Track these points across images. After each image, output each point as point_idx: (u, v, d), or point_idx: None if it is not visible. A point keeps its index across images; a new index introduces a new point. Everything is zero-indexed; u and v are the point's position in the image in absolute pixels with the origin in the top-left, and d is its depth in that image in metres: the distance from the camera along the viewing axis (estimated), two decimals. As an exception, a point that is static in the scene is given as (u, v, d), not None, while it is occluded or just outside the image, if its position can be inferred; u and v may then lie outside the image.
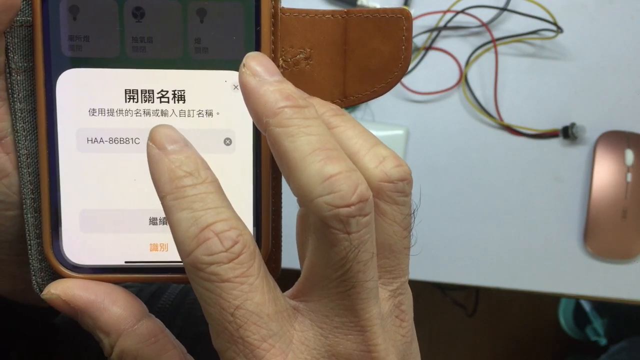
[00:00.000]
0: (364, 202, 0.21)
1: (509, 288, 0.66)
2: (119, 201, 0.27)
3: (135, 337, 0.24)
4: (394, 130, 0.64)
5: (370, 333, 0.22)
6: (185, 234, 0.21)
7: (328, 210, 0.21)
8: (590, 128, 0.64)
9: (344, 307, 0.22)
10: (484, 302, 1.23)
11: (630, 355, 0.85)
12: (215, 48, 0.26)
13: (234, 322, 0.21)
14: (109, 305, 0.25)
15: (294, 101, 0.22)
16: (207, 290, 0.21)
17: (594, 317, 1.12)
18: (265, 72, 0.23)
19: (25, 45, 0.26)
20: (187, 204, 0.22)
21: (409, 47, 0.27)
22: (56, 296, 0.25)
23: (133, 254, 0.27)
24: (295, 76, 0.27)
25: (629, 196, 0.64)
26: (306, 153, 0.21)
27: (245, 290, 0.21)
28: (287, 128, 0.22)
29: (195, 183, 0.22)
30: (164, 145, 0.22)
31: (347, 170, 0.21)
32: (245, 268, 0.21)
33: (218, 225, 0.21)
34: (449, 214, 0.65)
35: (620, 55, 0.65)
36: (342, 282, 0.22)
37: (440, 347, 1.27)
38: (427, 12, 0.64)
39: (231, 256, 0.21)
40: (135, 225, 0.27)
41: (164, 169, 0.22)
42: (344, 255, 0.21)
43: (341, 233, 0.21)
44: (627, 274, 0.65)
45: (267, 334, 0.22)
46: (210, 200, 0.22)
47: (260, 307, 0.21)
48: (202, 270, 0.21)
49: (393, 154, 0.24)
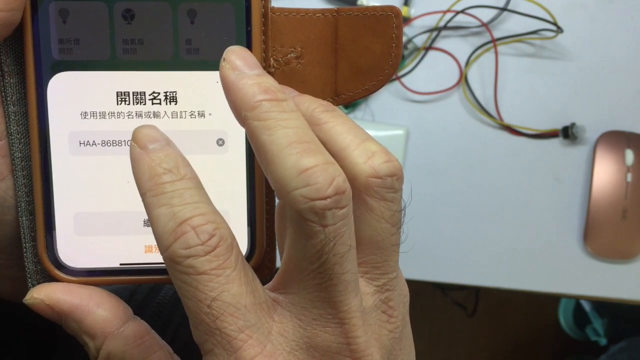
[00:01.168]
0: (341, 194, 0.21)
1: (509, 288, 0.66)
2: (113, 203, 0.27)
3: (121, 339, 0.24)
4: (394, 130, 0.64)
5: (349, 325, 0.22)
6: (163, 229, 0.22)
7: (304, 203, 0.21)
8: (590, 128, 0.64)
9: (321, 299, 0.22)
10: (484, 302, 1.23)
11: (630, 355, 0.84)
12: (206, 49, 0.26)
13: (211, 314, 0.21)
14: (94, 308, 0.25)
15: (272, 94, 0.22)
16: (185, 283, 0.21)
17: (594, 317, 1.12)
18: (245, 66, 0.23)
19: (17, 48, 0.26)
20: (165, 199, 0.22)
21: (399, 44, 0.27)
22: (40, 301, 0.25)
23: (128, 256, 0.27)
24: (287, 75, 0.27)
25: (629, 196, 0.64)
26: (283, 146, 0.21)
27: (222, 282, 0.21)
28: (264, 122, 0.22)
29: (174, 179, 0.22)
30: (145, 145, 0.23)
31: (323, 163, 0.21)
32: (221, 260, 0.22)
33: (195, 220, 0.21)
34: (449, 214, 0.65)
35: (620, 55, 0.65)
36: (319, 274, 0.22)
37: (440, 347, 1.27)
38: (427, 12, 0.64)
39: (207, 249, 0.21)
40: (130, 227, 0.27)
41: (145, 166, 0.22)
42: (319, 248, 0.21)
43: (317, 225, 0.21)
44: (627, 274, 0.65)
45: (245, 325, 0.22)
46: (189, 195, 0.22)
47: (237, 299, 0.22)
48: (179, 263, 0.21)
49: (383, 149, 0.24)
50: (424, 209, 0.66)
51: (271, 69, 0.27)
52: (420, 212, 0.65)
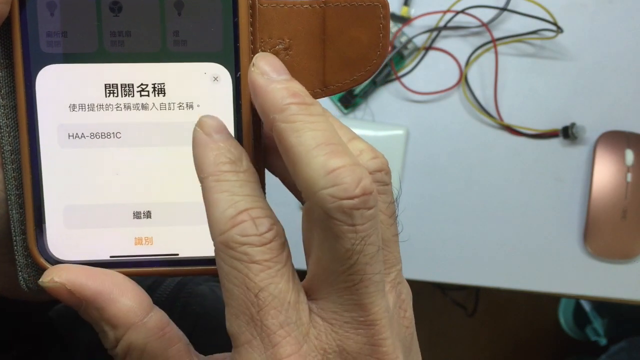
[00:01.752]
0: (368, 195, 0.21)
1: (509, 288, 0.66)
2: (103, 196, 0.27)
3: (144, 330, 0.24)
4: (394, 130, 0.64)
5: (378, 327, 0.22)
6: (222, 213, 0.22)
7: (331, 202, 0.21)
8: (590, 128, 0.64)
9: (352, 301, 0.22)
10: (484, 302, 1.23)
11: (630, 355, 0.84)
12: (193, 40, 0.26)
13: (257, 304, 0.22)
14: (118, 296, 0.24)
15: (300, 98, 0.23)
16: (235, 269, 0.22)
17: (594, 317, 1.12)
18: (273, 71, 0.24)
19: (6, 41, 0.26)
20: (227, 186, 0.22)
21: (386, 34, 0.27)
22: (60, 285, 0.24)
23: (118, 249, 0.27)
24: None
25: (629, 196, 0.64)
26: (311, 147, 0.22)
27: (272, 274, 0.22)
28: (292, 124, 0.22)
29: (238, 170, 0.23)
30: (210, 132, 0.23)
31: (350, 164, 0.22)
32: (274, 254, 0.22)
33: (254, 211, 0.22)
34: (449, 214, 0.65)
35: (620, 55, 0.65)
36: (349, 275, 0.22)
37: (440, 347, 1.27)
38: (427, 12, 0.64)
39: (263, 240, 0.22)
40: (119, 219, 0.27)
41: (210, 152, 0.23)
42: (349, 247, 0.21)
43: (345, 225, 0.21)
44: (627, 274, 0.65)
45: (286, 321, 0.22)
46: (250, 188, 0.23)
47: (283, 294, 0.22)
48: (234, 249, 0.22)
49: (369, 146, 0.24)
50: (424, 209, 0.66)
51: None
52: (420, 212, 0.65)
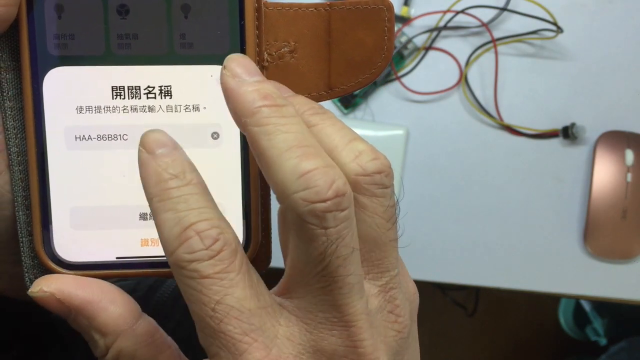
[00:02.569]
0: (341, 196, 0.21)
1: (509, 288, 0.66)
2: (109, 197, 0.27)
3: (133, 337, 0.24)
4: (394, 130, 0.64)
5: (355, 328, 0.22)
6: (169, 234, 0.22)
7: (304, 206, 0.21)
8: (590, 128, 0.64)
9: (326, 302, 0.22)
10: (484, 302, 1.23)
11: (630, 355, 0.85)
12: (200, 43, 0.26)
13: (215, 317, 0.21)
14: (107, 304, 0.24)
15: (271, 100, 0.23)
16: (189, 287, 0.22)
17: (594, 317, 1.12)
18: (245, 73, 0.23)
19: (13, 43, 0.26)
20: (171, 205, 0.22)
21: (391, 37, 0.27)
22: (49, 294, 0.24)
23: (124, 250, 0.27)
24: (281, 69, 0.27)
25: (629, 196, 0.64)
26: (283, 150, 0.22)
27: (226, 285, 0.22)
28: (264, 127, 0.22)
29: (180, 185, 0.22)
30: (152, 149, 0.23)
31: (323, 166, 0.21)
32: (225, 264, 0.22)
33: (200, 225, 0.22)
34: (449, 214, 0.65)
35: (620, 55, 0.65)
36: (323, 277, 0.22)
37: (440, 347, 1.27)
38: (427, 12, 0.64)
39: (211, 253, 0.22)
40: (126, 221, 0.27)
41: (151, 172, 0.22)
42: (322, 251, 0.21)
43: (318, 228, 0.21)
44: (627, 274, 0.65)
45: (249, 328, 0.22)
46: (194, 201, 0.22)
47: (241, 302, 0.22)
48: (184, 268, 0.22)
49: (370, 147, 0.24)
50: (424, 208, 0.66)
51: (265, 63, 0.27)
52: (420, 212, 0.65)
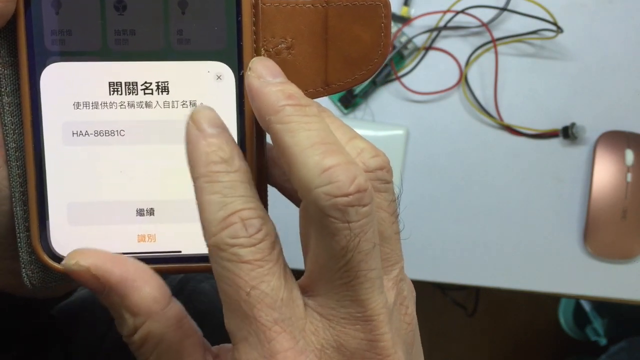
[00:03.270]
0: (363, 192, 0.22)
1: (509, 288, 0.66)
2: (106, 193, 0.27)
3: (163, 320, 0.24)
4: (394, 130, 0.64)
5: (376, 322, 0.23)
6: (213, 215, 0.22)
7: (326, 200, 0.21)
8: (590, 128, 0.64)
9: (348, 298, 0.22)
10: (484, 302, 1.23)
11: (630, 355, 0.85)
12: (197, 39, 0.27)
13: (249, 302, 0.22)
14: (142, 284, 0.24)
15: (295, 100, 0.23)
16: (226, 269, 0.22)
17: (594, 317, 1.12)
18: (269, 74, 0.24)
19: (11, 39, 0.26)
20: (219, 188, 0.22)
21: (388, 34, 0.27)
22: (85, 269, 0.24)
23: (121, 246, 0.27)
24: (279, 66, 0.27)
25: (629, 196, 0.64)
26: (306, 147, 0.22)
27: (263, 272, 0.22)
28: (287, 124, 0.23)
29: (229, 170, 0.23)
30: (203, 127, 0.23)
31: (345, 163, 0.22)
32: (265, 254, 0.22)
33: (244, 213, 0.22)
34: (449, 214, 0.65)
35: (620, 55, 0.65)
36: (345, 272, 0.22)
37: (440, 347, 1.28)
38: (427, 12, 0.64)
39: (253, 241, 0.22)
40: (123, 216, 0.27)
41: (201, 151, 0.23)
42: (344, 245, 0.22)
43: (340, 222, 0.22)
44: (627, 274, 0.65)
45: (280, 318, 0.22)
46: (241, 189, 0.23)
47: (275, 291, 0.22)
48: (225, 250, 0.22)
49: (370, 145, 0.25)
50: (424, 208, 0.66)
51: None
52: (420, 212, 0.65)
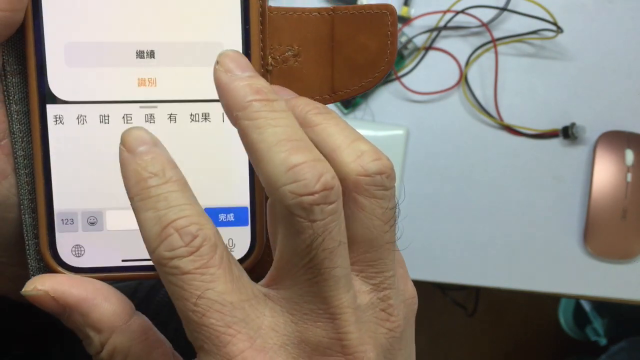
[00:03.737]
0: (329, 190, 0.22)
1: (509, 288, 0.66)
2: (115, 201, 0.27)
3: (128, 334, 0.24)
4: (394, 130, 0.64)
5: (340, 320, 0.22)
6: (149, 232, 0.22)
7: (292, 199, 0.21)
8: (590, 128, 0.64)
9: (312, 294, 0.22)
10: (484, 302, 1.23)
11: (630, 355, 0.85)
12: None
13: (197, 311, 0.22)
14: (101, 302, 0.24)
15: (262, 95, 0.23)
16: (171, 283, 0.22)
17: (594, 317, 1.12)
18: (237, 68, 0.24)
19: (19, 48, 0.26)
20: (151, 203, 0.22)
21: (394, 41, 0.27)
22: (43, 292, 0.24)
23: (130, 253, 0.27)
24: (285, 73, 0.28)
25: (629, 196, 0.64)
26: (272, 144, 0.22)
27: (207, 280, 0.22)
28: (255, 120, 0.23)
29: (160, 183, 0.22)
30: (133, 148, 0.23)
31: (312, 160, 0.22)
32: (205, 260, 0.22)
33: (179, 222, 0.22)
34: (449, 214, 0.65)
35: (620, 55, 0.65)
36: (309, 269, 0.22)
37: (440, 347, 1.28)
38: (427, 12, 0.64)
39: (191, 249, 0.22)
40: (132, 223, 0.27)
41: (132, 171, 0.23)
42: (309, 243, 0.22)
43: (305, 221, 0.21)
44: (627, 274, 0.65)
45: (232, 321, 0.22)
46: (173, 198, 0.22)
47: (222, 296, 0.22)
48: (165, 265, 0.22)
49: (373, 148, 0.24)
50: (424, 209, 0.66)
51: (269, 67, 0.27)
52: (420, 212, 0.65)
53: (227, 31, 0.27)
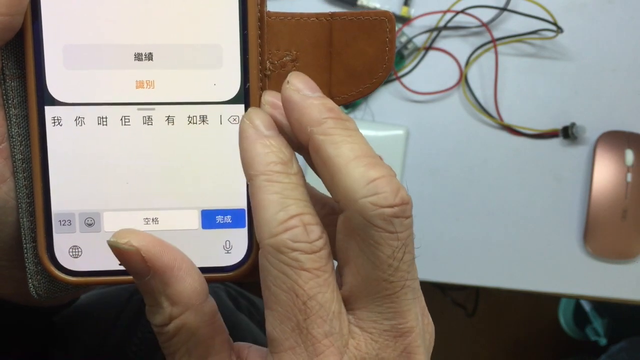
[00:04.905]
0: (406, 204, 0.22)
1: (509, 288, 0.66)
2: (113, 202, 0.27)
3: (200, 314, 0.24)
4: (394, 130, 0.64)
5: (414, 335, 0.23)
6: (273, 215, 0.22)
7: (373, 210, 0.22)
8: (590, 128, 0.64)
9: (391, 309, 0.23)
10: (484, 302, 1.23)
11: (630, 355, 0.85)
12: None
13: (304, 311, 0.22)
14: (185, 275, 0.24)
15: (336, 114, 0.24)
16: (285, 274, 0.22)
17: (594, 317, 1.12)
18: (307, 88, 0.24)
19: (18, 52, 0.26)
20: (279, 188, 0.22)
21: (392, 48, 0.27)
22: (135, 249, 0.23)
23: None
24: (283, 78, 0.27)
25: (629, 196, 0.64)
26: (350, 158, 0.22)
27: (320, 283, 0.22)
28: (330, 136, 0.23)
29: (289, 172, 0.23)
30: (259, 127, 0.23)
31: (388, 175, 0.22)
32: (323, 263, 0.22)
33: (306, 217, 0.22)
34: (449, 214, 0.65)
35: (620, 55, 0.65)
36: (391, 283, 0.22)
37: (440, 347, 1.27)
38: (427, 12, 0.64)
39: (314, 248, 0.22)
40: (130, 224, 0.27)
41: (259, 149, 0.23)
42: (390, 254, 0.22)
43: (386, 232, 0.22)
44: (627, 274, 0.65)
45: (330, 331, 0.22)
46: (300, 192, 0.23)
47: (329, 304, 0.22)
48: (285, 254, 0.22)
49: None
50: (424, 208, 0.65)
51: (267, 72, 0.27)
52: (420, 212, 0.65)
53: (226, 34, 0.27)
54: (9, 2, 0.24)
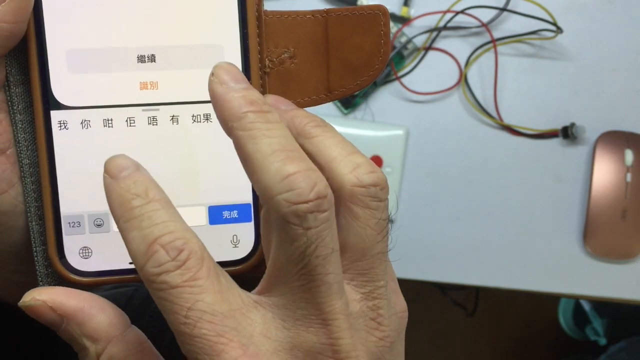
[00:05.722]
0: (322, 199, 0.22)
1: (509, 288, 0.66)
2: None
3: (123, 344, 0.25)
4: (394, 130, 0.64)
5: (332, 326, 0.23)
6: (136, 251, 0.22)
7: (286, 207, 0.22)
8: (590, 128, 0.64)
9: (305, 300, 0.23)
10: (484, 302, 1.23)
11: (630, 355, 0.85)
12: None
13: (188, 323, 0.22)
14: (97, 312, 0.25)
15: (257, 106, 0.23)
16: (161, 299, 0.22)
17: (594, 317, 1.12)
18: (232, 80, 0.24)
19: (22, 58, 0.26)
20: (136, 223, 0.23)
21: (387, 41, 0.28)
22: (41, 303, 0.24)
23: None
24: (281, 75, 0.28)
25: (628, 196, 0.64)
26: (267, 154, 0.22)
27: (195, 292, 0.22)
28: (249, 131, 0.23)
29: (142, 203, 0.23)
30: (115, 174, 0.23)
31: (305, 169, 0.22)
32: (192, 272, 0.22)
33: (164, 238, 0.22)
34: (449, 214, 0.65)
35: (620, 55, 0.65)
36: (302, 275, 0.22)
37: (440, 347, 1.28)
38: (427, 12, 0.64)
39: (178, 264, 0.22)
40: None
41: (115, 195, 0.23)
42: (302, 250, 0.22)
43: (300, 228, 0.22)
44: (627, 274, 0.65)
45: (223, 330, 0.22)
46: (157, 216, 0.23)
47: (212, 306, 0.22)
48: (154, 281, 0.22)
49: (368, 161, 0.25)
50: (424, 209, 0.66)
51: (267, 69, 0.28)
52: (421, 212, 0.65)
53: (226, 34, 0.27)
54: (15, 9, 0.24)
